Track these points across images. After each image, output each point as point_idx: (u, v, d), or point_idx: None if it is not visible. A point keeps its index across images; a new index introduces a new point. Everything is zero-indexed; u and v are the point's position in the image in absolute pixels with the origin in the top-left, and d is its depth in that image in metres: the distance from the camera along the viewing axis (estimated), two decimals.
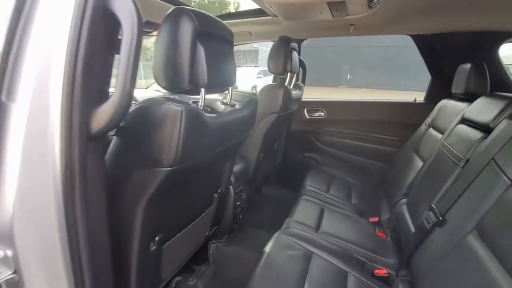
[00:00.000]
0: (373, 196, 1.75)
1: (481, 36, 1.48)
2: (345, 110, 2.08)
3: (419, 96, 1.94)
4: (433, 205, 0.93)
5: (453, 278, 0.74)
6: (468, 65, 1.29)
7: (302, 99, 2.13)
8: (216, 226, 1.40)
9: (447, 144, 1.10)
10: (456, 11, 1.27)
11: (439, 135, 1.36)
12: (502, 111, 0.87)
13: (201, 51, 0.71)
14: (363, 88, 14.38)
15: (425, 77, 1.82)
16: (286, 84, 1.64)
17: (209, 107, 0.83)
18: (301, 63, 2.03)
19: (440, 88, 1.72)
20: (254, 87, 10.27)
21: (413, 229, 1.04)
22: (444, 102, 1.53)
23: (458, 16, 1.34)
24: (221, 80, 0.83)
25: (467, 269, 0.71)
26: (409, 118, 1.83)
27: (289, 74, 1.60)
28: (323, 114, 2.13)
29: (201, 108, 0.77)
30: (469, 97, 1.30)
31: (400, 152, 1.77)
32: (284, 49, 1.48)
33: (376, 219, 1.44)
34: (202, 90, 0.76)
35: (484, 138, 0.89)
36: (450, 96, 1.49)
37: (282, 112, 1.53)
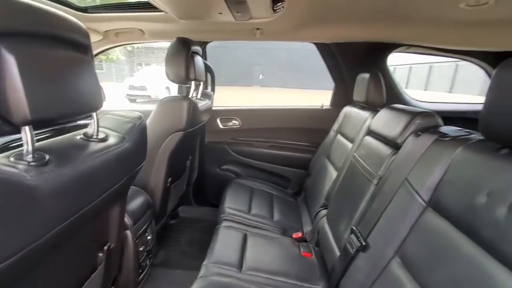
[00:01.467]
0: (294, 205, 1.71)
1: (374, 46, 1.61)
2: (258, 118, 1.99)
3: (324, 94, 2.02)
4: (354, 227, 0.88)
5: None
6: (366, 75, 1.35)
7: (215, 108, 1.93)
8: (113, 286, 1.06)
9: (358, 157, 1.09)
10: (351, 22, 1.30)
11: (348, 143, 1.39)
12: (406, 128, 0.88)
13: (9, 63, 0.41)
14: (275, 87, 15.38)
15: (329, 78, 1.89)
16: (191, 94, 1.40)
17: (52, 150, 0.52)
18: (208, 69, 1.82)
19: (343, 95, 1.81)
20: (168, 88, 9.47)
21: (337, 251, 0.98)
22: (347, 109, 1.59)
23: (354, 27, 1.38)
24: (69, 106, 0.53)
25: None
26: (319, 124, 1.87)
27: (193, 82, 1.37)
28: (237, 123, 1.98)
29: (29, 160, 0.46)
30: (369, 106, 1.36)
31: (314, 158, 1.78)
32: (184, 53, 1.23)
33: (299, 234, 1.38)
34: (26, 129, 0.45)
35: (394, 153, 0.89)
36: (353, 102, 1.56)
37: (189, 128, 1.29)
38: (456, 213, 0.59)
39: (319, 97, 2.00)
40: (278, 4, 0.96)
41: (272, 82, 16.16)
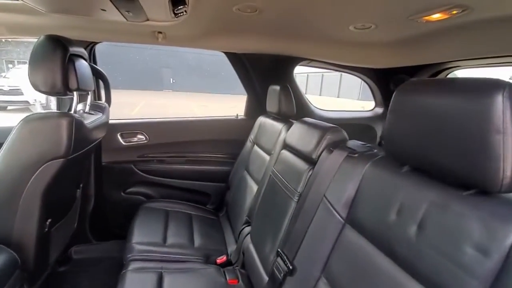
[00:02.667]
0: (216, 223, 1.59)
1: (281, 59, 1.66)
2: (168, 131, 1.78)
3: (238, 99, 1.98)
4: (280, 250, 0.84)
5: None
6: (277, 87, 1.36)
7: (115, 121, 1.62)
8: None
9: (277, 172, 1.08)
10: (257, 34, 1.29)
11: (265, 155, 1.38)
12: (319, 143, 0.90)
13: None
14: (187, 92, 14.86)
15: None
16: (73, 109, 1.10)
17: None
18: (99, 75, 1.50)
19: (256, 105, 1.81)
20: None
21: (265, 276, 0.93)
22: (262, 119, 1.59)
23: (260, 39, 1.38)
24: None
25: None
26: (234, 134, 1.82)
27: (76, 93, 1.07)
28: (143, 137, 1.72)
29: None
30: (282, 117, 1.38)
31: (233, 171, 1.72)
32: (57, 56, 0.93)
33: (224, 258, 1.27)
34: None
35: (310, 169, 0.89)
36: (266, 113, 1.56)
37: (73, 153, 1.00)
38: (371, 229, 0.61)
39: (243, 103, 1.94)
40: (179, 8, 0.84)
41: (184, 86, 15.56)
